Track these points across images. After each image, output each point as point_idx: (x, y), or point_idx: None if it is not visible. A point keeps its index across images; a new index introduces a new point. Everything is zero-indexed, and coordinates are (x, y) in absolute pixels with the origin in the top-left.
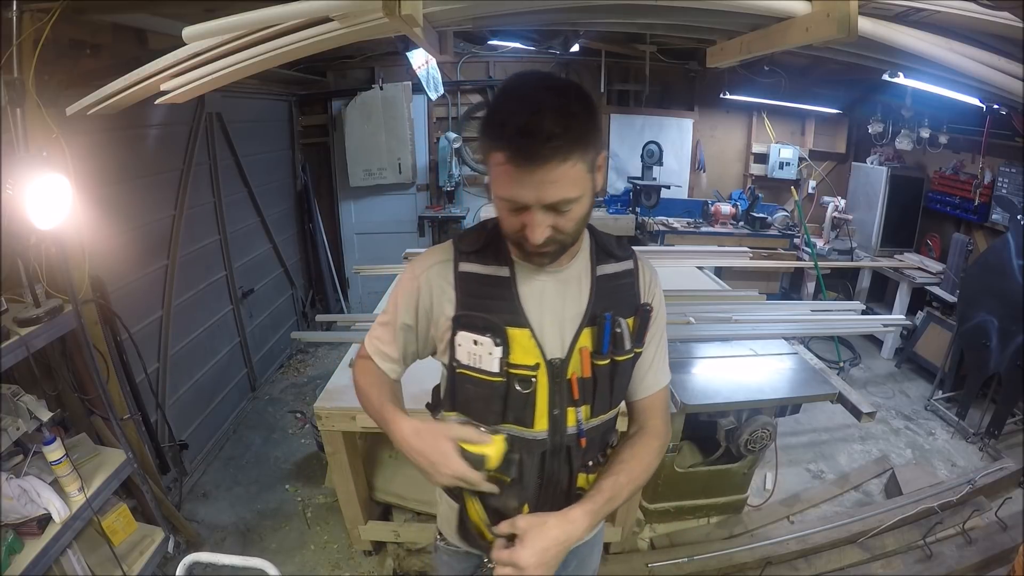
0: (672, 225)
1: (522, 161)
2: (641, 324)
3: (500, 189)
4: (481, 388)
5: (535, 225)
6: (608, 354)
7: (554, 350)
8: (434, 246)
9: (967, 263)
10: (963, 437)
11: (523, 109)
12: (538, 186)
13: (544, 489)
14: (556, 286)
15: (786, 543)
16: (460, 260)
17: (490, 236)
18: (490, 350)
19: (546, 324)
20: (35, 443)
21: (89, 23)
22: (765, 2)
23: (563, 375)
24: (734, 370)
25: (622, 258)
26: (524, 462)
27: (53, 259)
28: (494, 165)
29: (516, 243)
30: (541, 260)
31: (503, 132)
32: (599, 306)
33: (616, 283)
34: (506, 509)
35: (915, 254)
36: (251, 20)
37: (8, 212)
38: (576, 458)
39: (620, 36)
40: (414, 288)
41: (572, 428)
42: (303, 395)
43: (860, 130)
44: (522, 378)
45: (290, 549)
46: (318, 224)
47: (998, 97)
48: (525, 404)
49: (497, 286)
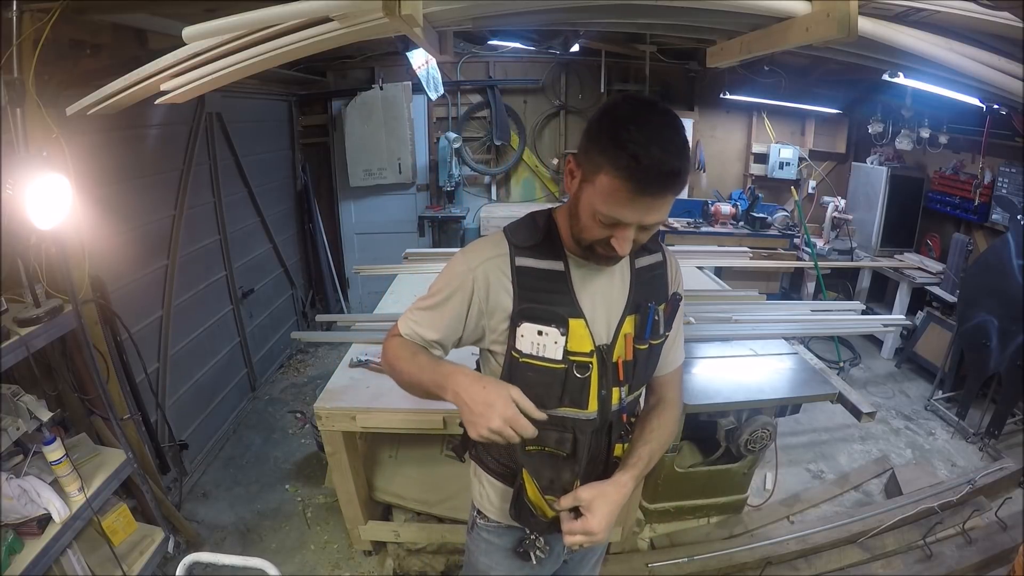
0: (672, 225)
1: (646, 194)
2: (672, 311)
3: (605, 207)
4: (543, 375)
5: (626, 240)
6: (648, 339)
7: (602, 337)
8: (484, 239)
9: (967, 263)
10: (963, 437)
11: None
12: (645, 212)
13: (591, 463)
14: (602, 278)
15: (786, 543)
16: (516, 255)
17: (544, 231)
18: (556, 339)
19: (596, 314)
20: (35, 443)
21: (89, 23)
22: (765, 2)
23: (610, 359)
24: (734, 370)
25: (654, 251)
26: (578, 440)
27: (53, 259)
28: (607, 186)
29: (591, 247)
30: (609, 263)
31: (634, 164)
32: (639, 295)
33: (651, 274)
34: (562, 484)
35: (915, 254)
36: (251, 20)
37: (8, 212)
38: (616, 431)
39: (620, 36)
40: (469, 280)
41: (616, 406)
42: (303, 395)
43: (860, 130)
44: (580, 364)
45: (290, 549)
46: (318, 224)
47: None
48: (582, 388)
49: (554, 280)
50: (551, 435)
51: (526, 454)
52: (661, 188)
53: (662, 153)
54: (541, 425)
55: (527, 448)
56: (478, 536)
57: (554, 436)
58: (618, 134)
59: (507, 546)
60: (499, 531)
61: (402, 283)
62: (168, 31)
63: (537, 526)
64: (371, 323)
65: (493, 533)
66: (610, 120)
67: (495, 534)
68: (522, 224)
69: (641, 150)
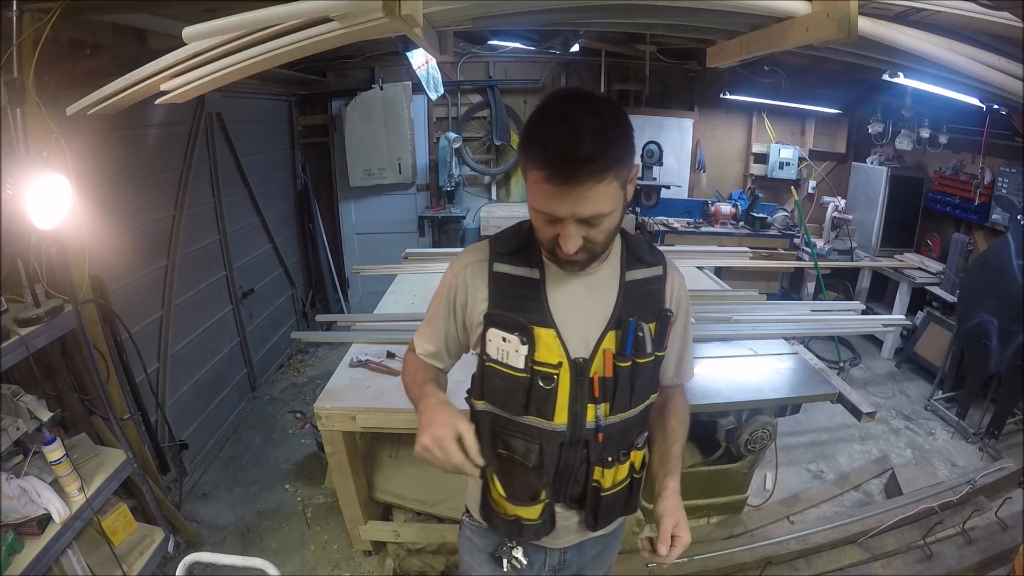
0: (672, 225)
1: (559, 182)
2: (661, 328)
3: (537, 203)
4: (507, 382)
5: (568, 236)
6: (630, 356)
7: (578, 350)
8: (472, 245)
9: (967, 263)
10: (963, 437)
11: (562, 132)
12: (573, 203)
13: (561, 477)
14: (584, 289)
15: (786, 543)
16: (495, 260)
17: (524, 238)
18: (516, 347)
19: (572, 325)
20: (35, 443)
21: (89, 23)
22: (765, 2)
23: (586, 374)
24: (734, 370)
25: (652, 264)
26: (544, 450)
27: (53, 259)
28: (532, 180)
29: (549, 250)
30: (572, 267)
31: (543, 153)
32: (625, 310)
33: (643, 288)
34: (526, 489)
35: (915, 254)
36: (251, 20)
37: (8, 212)
38: (594, 452)
39: (620, 36)
40: (454, 285)
41: (591, 423)
42: (303, 395)
43: (860, 130)
44: (545, 375)
45: (290, 549)
46: (318, 224)
47: (998, 97)
48: (546, 399)
49: (527, 287)
50: (518, 443)
51: (496, 456)
52: (572, 175)
53: (569, 140)
54: (510, 432)
55: (497, 451)
56: (463, 533)
57: (521, 444)
58: (534, 128)
59: (486, 548)
60: (480, 531)
61: (402, 283)
62: (168, 31)
63: (503, 527)
64: (371, 323)
65: (475, 533)
66: (533, 116)
67: (477, 534)
68: (508, 230)
69: (549, 138)
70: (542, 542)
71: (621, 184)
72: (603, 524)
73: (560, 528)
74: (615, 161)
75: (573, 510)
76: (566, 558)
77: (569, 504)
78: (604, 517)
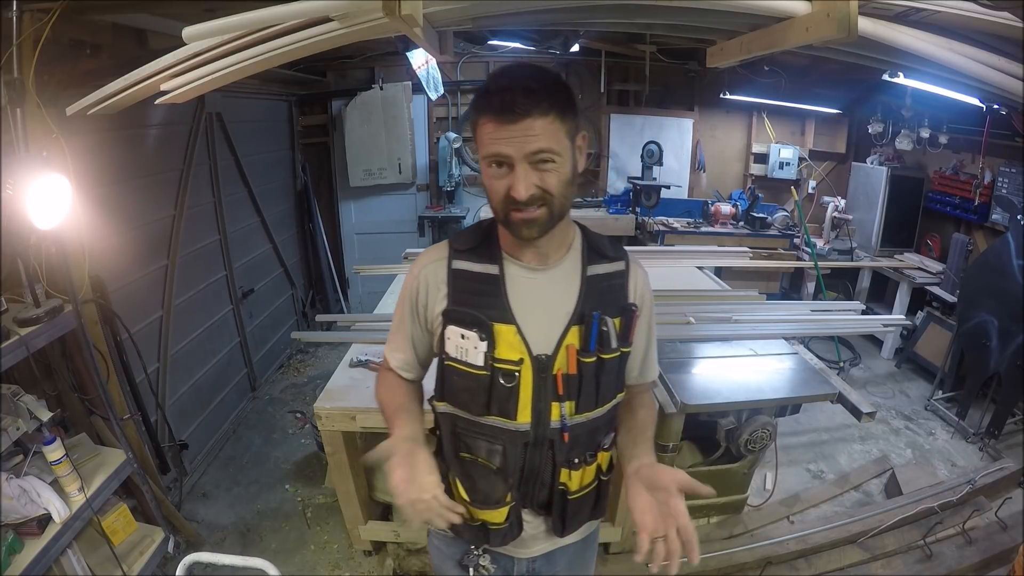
0: (672, 225)
1: (505, 119)
2: (625, 324)
3: (487, 148)
4: (467, 380)
5: (519, 179)
6: (595, 352)
7: (540, 346)
8: (433, 245)
9: (967, 263)
10: (963, 437)
11: (505, 78)
12: (521, 139)
13: (526, 479)
14: (545, 284)
15: (786, 543)
16: (454, 258)
17: (484, 235)
18: (475, 344)
19: (533, 321)
20: (35, 443)
21: (89, 23)
22: (765, 2)
23: (549, 371)
24: (734, 370)
25: (614, 259)
26: (507, 451)
27: (53, 259)
28: (481, 131)
29: (505, 216)
30: (530, 231)
31: (488, 98)
32: (587, 305)
33: (606, 283)
34: (491, 493)
35: (915, 254)
36: (251, 20)
37: (8, 212)
38: (560, 453)
39: (620, 36)
40: (413, 287)
41: (555, 423)
42: (303, 395)
43: (860, 130)
44: (506, 372)
45: (290, 549)
46: (318, 224)
47: (998, 97)
48: (508, 397)
49: (487, 283)
50: (481, 445)
51: (458, 459)
52: (515, 105)
53: (511, 81)
54: (473, 434)
55: (460, 455)
56: (431, 540)
57: (484, 446)
58: (480, 92)
59: (453, 556)
60: (447, 539)
61: (402, 283)
62: (168, 31)
63: (468, 533)
64: (371, 323)
65: (442, 540)
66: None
67: (444, 541)
68: (468, 229)
69: (493, 86)
70: (509, 551)
71: (568, 134)
72: (571, 529)
73: (527, 536)
74: (558, 102)
75: (540, 517)
76: (535, 567)
77: (536, 510)
78: (572, 522)
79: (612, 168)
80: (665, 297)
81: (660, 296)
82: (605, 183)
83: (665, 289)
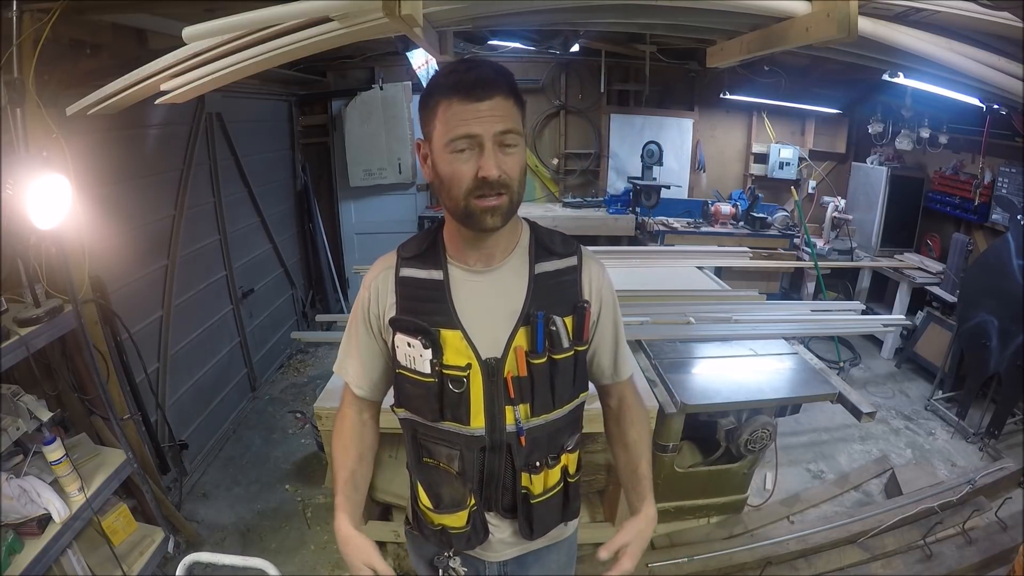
0: (672, 225)
1: (473, 98)
2: (578, 322)
3: (454, 130)
4: (417, 388)
5: (489, 159)
6: (544, 353)
7: (489, 350)
8: (382, 255)
9: (967, 263)
10: (963, 437)
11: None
12: (489, 118)
13: (487, 484)
14: (491, 286)
15: (786, 543)
16: (401, 266)
17: (429, 241)
18: (420, 352)
19: (480, 324)
20: (35, 443)
21: (89, 23)
22: (765, 2)
23: (499, 374)
24: (734, 370)
25: (564, 255)
26: (465, 457)
27: (53, 259)
28: (445, 114)
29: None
30: (494, 219)
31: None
32: (535, 305)
33: (556, 280)
34: (453, 499)
35: (915, 254)
36: (251, 20)
37: (8, 212)
38: (518, 456)
39: (620, 36)
40: (365, 299)
41: (511, 426)
42: (303, 395)
43: (860, 130)
44: (454, 378)
45: (290, 549)
46: (318, 224)
47: (998, 97)
48: (459, 403)
49: (432, 289)
50: (440, 450)
51: (421, 465)
52: (479, 86)
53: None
54: (432, 440)
55: (423, 460)
56: (407, 540)
57: (444, 452)
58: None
59: (425, 556)
60: (419, 540)
61: None
62: (168, 31)
63: (432, 537)
64: None
65: (415, 542)
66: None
67: (416, 543)
68: (415, 236)
69: (452, 72)
70: (478, 554)
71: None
72: (539, 533)
73: (495, 540)
74: (514, 89)
75: (507, 520)
76: (506, 570)
77: (503, 513)
78: (540, 525)
79: (612, 168)
80: (665, 297)
81: (660, 296)
82: (605, 183)
83: (665, 289)
